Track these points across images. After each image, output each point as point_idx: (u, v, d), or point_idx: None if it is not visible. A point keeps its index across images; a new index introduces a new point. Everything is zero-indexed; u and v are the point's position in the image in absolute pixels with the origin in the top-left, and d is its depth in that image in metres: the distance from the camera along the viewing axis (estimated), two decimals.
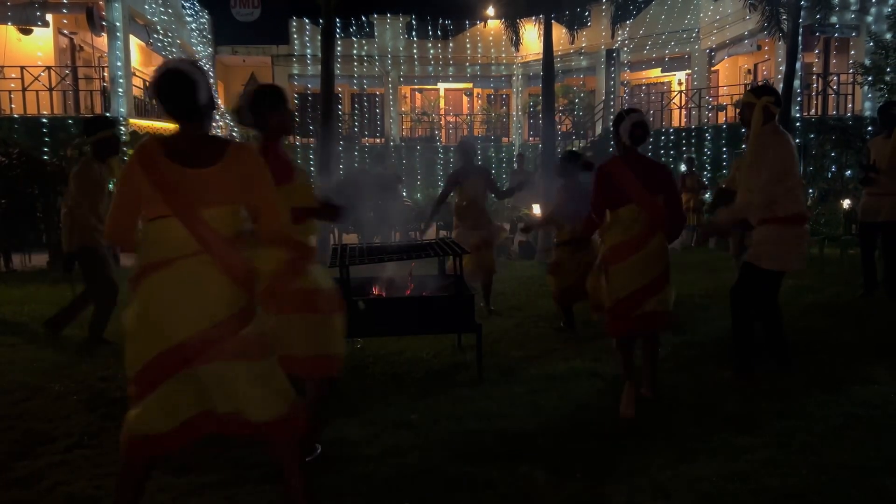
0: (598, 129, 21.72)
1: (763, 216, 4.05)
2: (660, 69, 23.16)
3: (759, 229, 4.11)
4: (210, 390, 2.30)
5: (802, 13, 13.60)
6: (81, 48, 17.49)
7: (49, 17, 15.18)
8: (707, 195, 12.63)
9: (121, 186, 2.36)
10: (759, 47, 19.38)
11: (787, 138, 4.06)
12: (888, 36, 15.01)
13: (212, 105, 2.40)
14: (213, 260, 2.27)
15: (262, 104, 3.01)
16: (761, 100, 4.04)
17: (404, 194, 15.42)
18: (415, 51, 24.17)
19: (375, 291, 4.96)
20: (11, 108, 14.85)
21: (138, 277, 2.31)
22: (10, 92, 14.68)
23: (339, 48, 19.99)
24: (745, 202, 4.07)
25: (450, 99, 26.31)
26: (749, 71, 21.20)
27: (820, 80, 18.57)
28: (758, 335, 4.28)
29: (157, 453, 2.36)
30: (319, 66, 11.05)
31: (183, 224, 2.26)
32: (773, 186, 3.94)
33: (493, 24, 23.75)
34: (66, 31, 16.71)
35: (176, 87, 2.32)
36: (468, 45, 24.71)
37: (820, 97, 18.41)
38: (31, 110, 14.80)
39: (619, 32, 21.87)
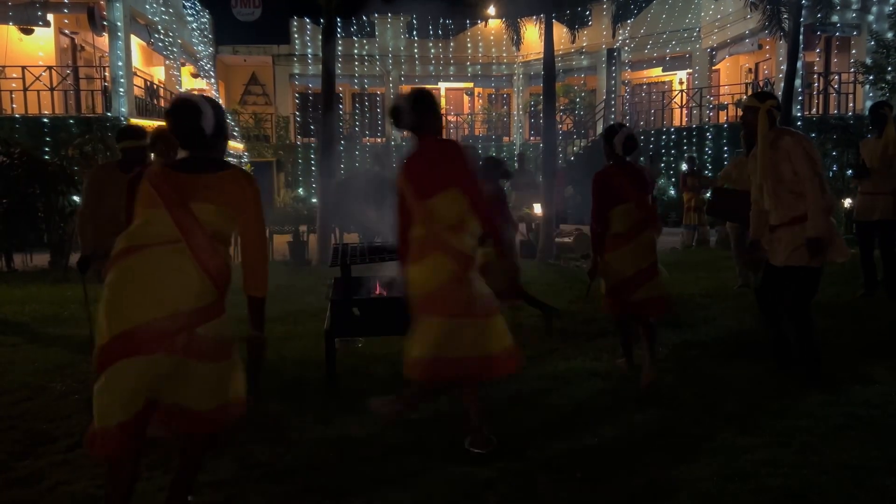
0: (599, 129, 21.69)
1: (796, 213, 3.95)
2: (661, 68, 23.15)
3: (795, 228, 3.96)
4: (160, 380, 2.31)
5: (804, 12, 13.58)
6: (82, 48, 17.51)
7: (50, 16, 15.20)
8: (707, 194, 12.59)
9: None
10: (760, 46, 19.37)
11: (800, 133, 4.11)
12: (889, 35, 15.01)
13: (221, 135, 2.53)
14: (190, 250, 2.34)
15: (425, 106, 3.12)
16: (765, 104, 4.05)
17: None
18: (415, 50, 24.16)
19: (376, 291, 4.96)
20: (13, 108, 14.87)
21: (113, 262, 2.36)
22: (11, 92, 14.71)
23: (339, 48, 19.98)
24: (824, 202, 3.87)
25: (451, 98, 26.30)
26: (750, 70, 21.19)
27: (821, 79, 18.55)
28: (761, 332, 4.27)
29: (118, 445, 2.29)
30: (320, 66, 11.05)
31: (169, 213, 2.35)
32: (821, 177, 3.92)
33: (494, 24, 23.74)
34: (67, 31, 16.72)
35: (184, 116, 2.46)
36: (469, 45, 24.70)
37: (821, 96, 18.39)
38: (33, 110, 14.82)
39: (620, 32, 21.85)
